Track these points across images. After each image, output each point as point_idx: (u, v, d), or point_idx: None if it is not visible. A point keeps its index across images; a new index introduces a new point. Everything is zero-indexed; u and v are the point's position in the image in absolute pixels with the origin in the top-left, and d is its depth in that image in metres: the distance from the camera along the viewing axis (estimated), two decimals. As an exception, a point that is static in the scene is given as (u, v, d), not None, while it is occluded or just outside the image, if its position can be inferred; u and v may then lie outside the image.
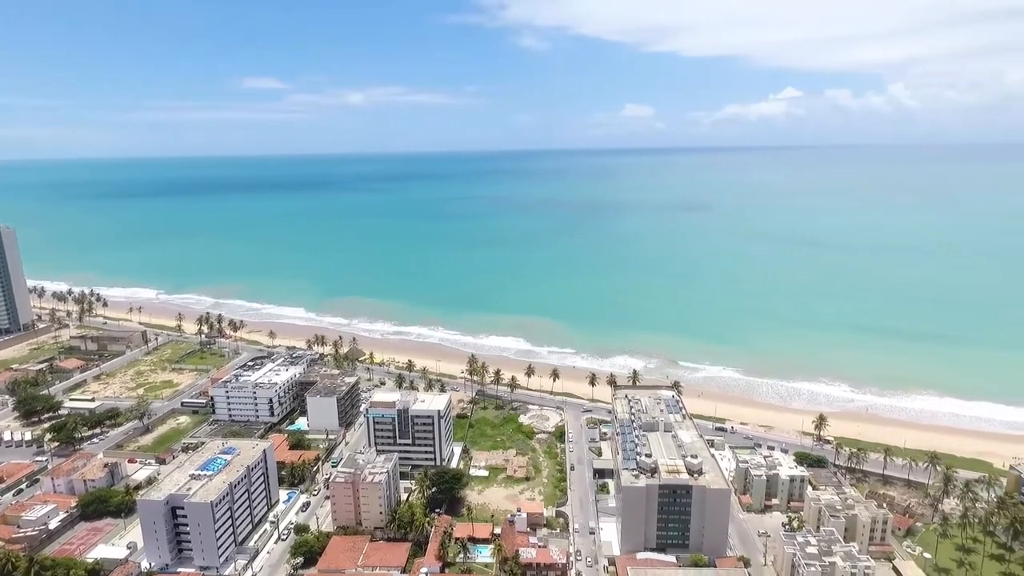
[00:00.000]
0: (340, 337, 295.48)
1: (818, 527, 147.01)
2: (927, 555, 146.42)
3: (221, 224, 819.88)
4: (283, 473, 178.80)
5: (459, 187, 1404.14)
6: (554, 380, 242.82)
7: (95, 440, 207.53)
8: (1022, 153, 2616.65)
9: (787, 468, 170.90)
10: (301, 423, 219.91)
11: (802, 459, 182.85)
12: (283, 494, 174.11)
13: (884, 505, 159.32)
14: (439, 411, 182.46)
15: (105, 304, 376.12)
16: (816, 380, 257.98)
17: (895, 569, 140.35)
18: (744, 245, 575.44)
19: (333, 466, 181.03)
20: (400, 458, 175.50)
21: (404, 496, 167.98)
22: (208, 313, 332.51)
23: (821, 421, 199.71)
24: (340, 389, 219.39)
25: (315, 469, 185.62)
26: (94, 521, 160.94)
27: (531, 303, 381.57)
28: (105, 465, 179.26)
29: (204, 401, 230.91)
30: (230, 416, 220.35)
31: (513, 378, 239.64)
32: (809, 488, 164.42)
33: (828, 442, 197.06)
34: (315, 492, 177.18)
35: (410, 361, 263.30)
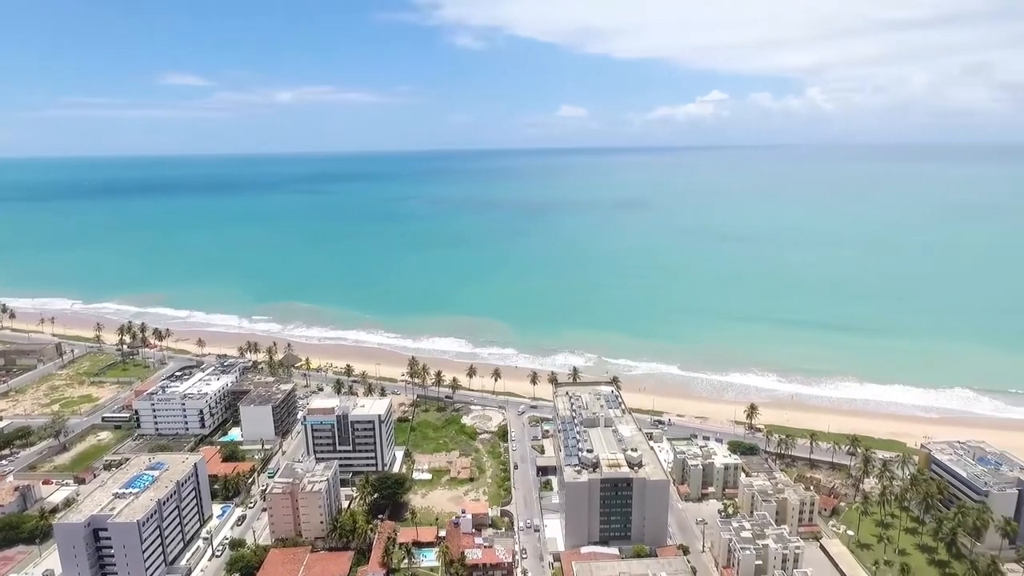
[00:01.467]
0: (274, 343, 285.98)
1: (752, 512, 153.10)
2: (850, 532, 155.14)
3: (144, 228, 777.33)
4: (216, 487, 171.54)
5: (397, 188, 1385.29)
6: (496, 380, 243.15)
7: (3, 462, 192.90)
8: (922, 153, 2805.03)
9: (722, 457, 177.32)
10: (235, 434, 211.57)
11: (735, 447, 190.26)
12: (217, 508, 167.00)
13: (811, 488, 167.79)
14: (380, 415, 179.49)
15: (12, 315, 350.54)
16: (747, 371, 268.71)
17: (822, 547, 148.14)
18: (678, 242, 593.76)
19: (270, 477, 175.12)
20: (340, 465, 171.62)
21: (345, 504, 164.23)
22: (130, 323, 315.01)
23: (752, 410, 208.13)
24: (275, 397, 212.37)
25: (250, 481, 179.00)
26: (4, 550, 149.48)
27: (472, 304, 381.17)
28: (16, 488, 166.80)
29: (127, 415, 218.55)
30: (157, 430, 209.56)
31: (455, 379, 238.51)
32: (743, 475, 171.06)
33: (759, 430, 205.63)
34: (251, 505, 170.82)
35: (349, 366, 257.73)
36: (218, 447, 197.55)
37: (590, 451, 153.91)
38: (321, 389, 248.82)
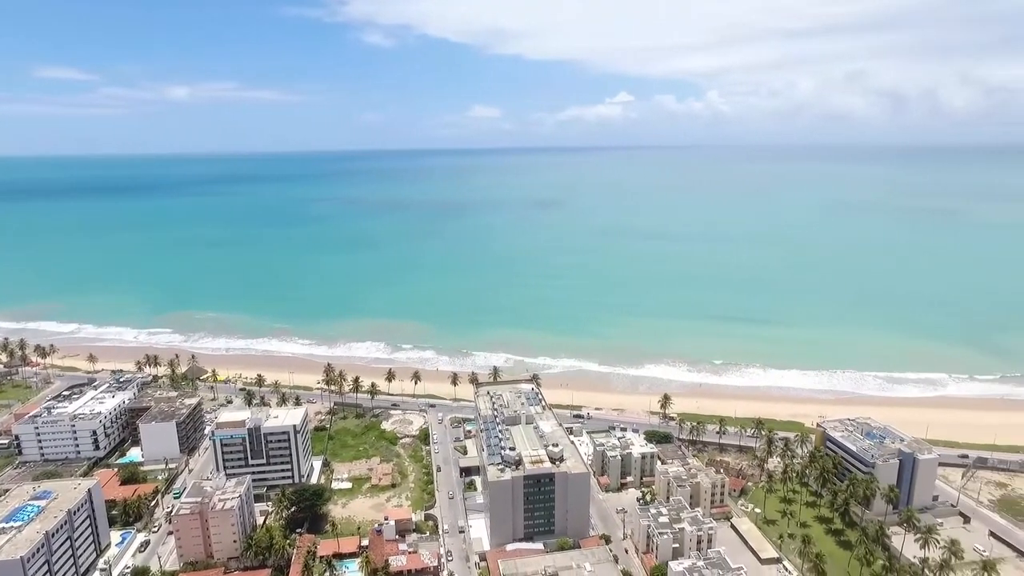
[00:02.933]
0: (176, 356, 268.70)
1: (668, 498, 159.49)
2: (757, 510, 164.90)
3: (23, 235, 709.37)
4: (115, 512, 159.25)
5: (308, 189, 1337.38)
6: (415, 383, 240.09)
7: None
8: (810, 154, 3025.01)
9: (639, 447, 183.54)
10: (134, 454, 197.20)
11: (651, 437, 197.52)
12: (116, 536, 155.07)
13: (721, 471, 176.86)
14: (295, 426, 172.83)
15: None
16: (660, 363, 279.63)
17: (733, 526, 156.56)
18: (592, 240, 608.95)
19: (176, 497, 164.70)
20: (254, 479, 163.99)
21: (260, 520, 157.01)
22: (7, 339, 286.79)
23: (666, 400, 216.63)
24: (180, 412, 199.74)
25: (154, 503, 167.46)
26: None
27: (389, 307, 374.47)
28: None
29: (7, 441, 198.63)
30: (42, 455, 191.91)
31: (373, 384, 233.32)
32: (658, 463, 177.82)
33: (672, 419, 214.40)
34: (155, 529, 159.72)
35: (260, 376, 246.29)
36: (116, 469, 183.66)
37: (512, 449, 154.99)
38: (230, 401, 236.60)
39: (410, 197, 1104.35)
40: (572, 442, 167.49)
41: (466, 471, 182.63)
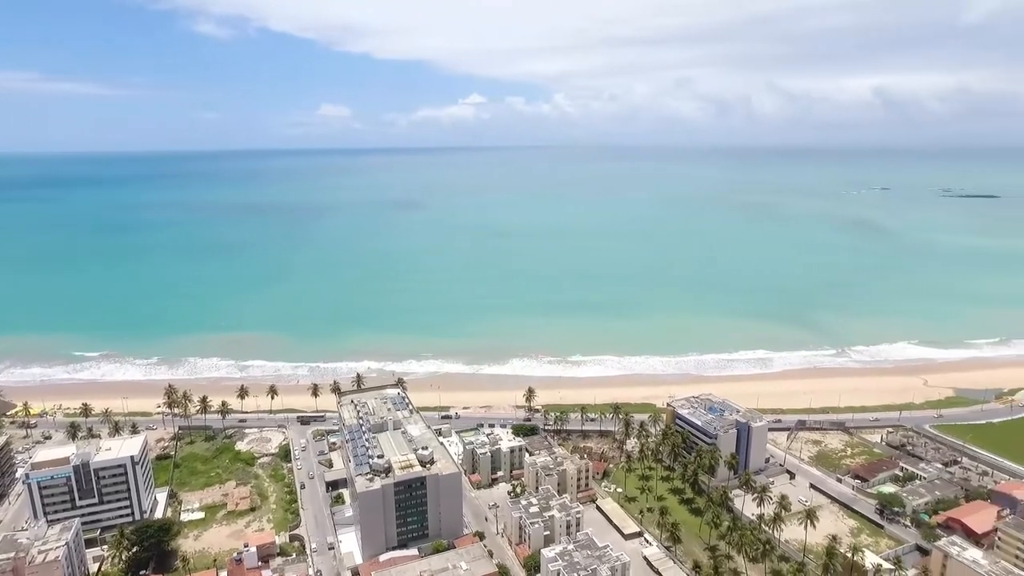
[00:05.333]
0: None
1: (537, 488, 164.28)
2: (619, 489, 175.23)
3: None
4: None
5: (137, 193, 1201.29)
6: (272, 398, 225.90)
7: None
8: (648, 154, 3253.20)
9: (507, 441, 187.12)
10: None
11: (518, 431, 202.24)
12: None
13: (585, 456, 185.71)
14: (132, 457, 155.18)
15: None
16: (524, 358, 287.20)
17: (598, 507, 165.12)
18: (452, 239, 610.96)
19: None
20: (85, 523, 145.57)
21: (95, 567, 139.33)
22: None
23: (530, 394, 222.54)
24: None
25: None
26: None
27: (240, 319, 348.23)
28: None
29: None
30: None
31: (224, 403, 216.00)
32: (527, 455, 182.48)
33: (537, 411, 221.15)
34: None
35: (86, 405, 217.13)
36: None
37: (381, 456, 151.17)
38: (49, 438, 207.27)
39: (258, 200, 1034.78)
40: (442, 443, 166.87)
41: (333, 485, 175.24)
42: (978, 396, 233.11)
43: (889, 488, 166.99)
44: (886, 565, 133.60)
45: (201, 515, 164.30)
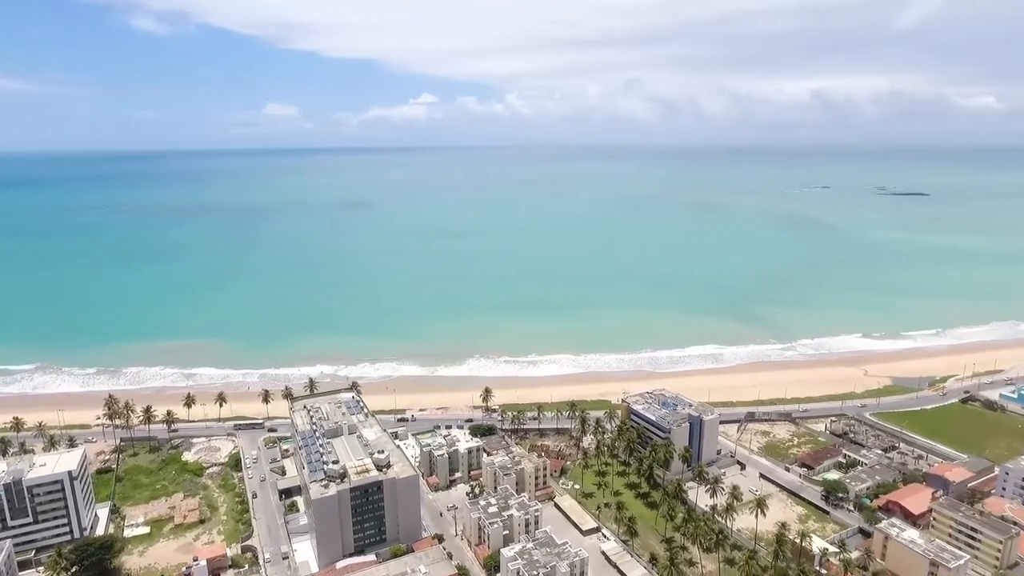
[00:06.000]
0: None
1: (495, 488, 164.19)
2: (577, 486, 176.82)
3: None
4: None
5: (68, 195, 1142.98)
6: (221, 405, 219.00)
7: None
8: (601, 154, 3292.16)
9: (464, 442, 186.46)
10: None
11: (476, 431, 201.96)
12: None
13: (542, 454, 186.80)
14: (70, 472, 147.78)
15: None
16: (480, 358, 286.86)
17: (556, 505, 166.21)
18: (405, 240, 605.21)
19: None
20: (18, 543, 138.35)
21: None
22: None
23: (487, 394, 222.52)
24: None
25: None
26: None
27: (186, 325, 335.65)
28: None
29: None
30: None
31: (169, 413, 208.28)
32: (484, 455, 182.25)
33: (494, 411, 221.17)
34: None
35: (16, 418, 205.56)
36: None
37: (336, 462, 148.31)
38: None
39: (204, 202, 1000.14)
40: (398, 446, 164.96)
41: (286, 492, 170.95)
42: (913, 384, 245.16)
43: (833, 475, 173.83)
44: (832, 549, 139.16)
45: (146, 530, 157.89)
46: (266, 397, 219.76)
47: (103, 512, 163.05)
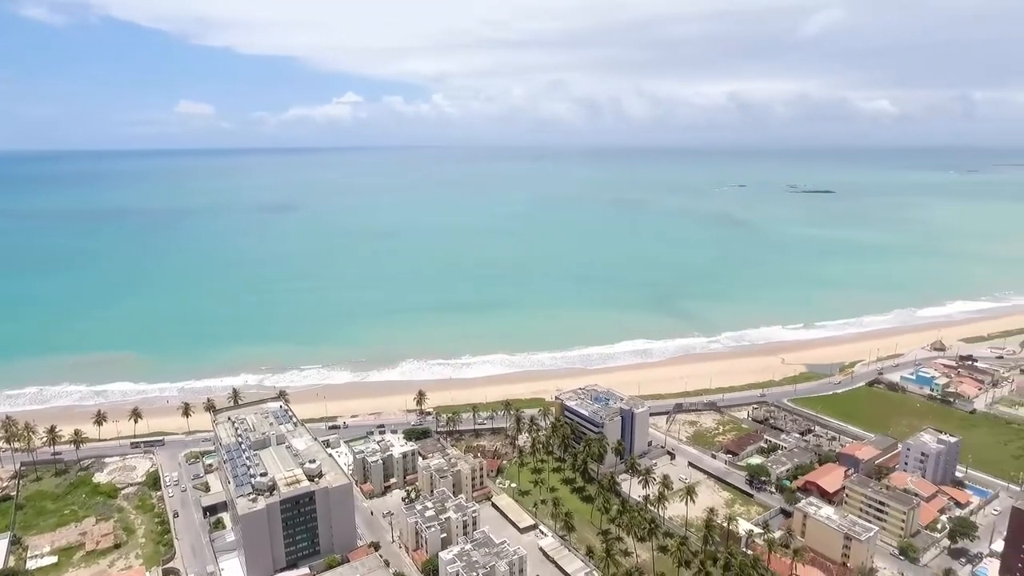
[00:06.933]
0: None
1: (432, 491, 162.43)
2: (513, 485, 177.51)
3: None
4: None
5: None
6: (135, 421, 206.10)
7: None
8: (526, 154, 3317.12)
9: (399, 447, 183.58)
10: None
11: (410, 435, 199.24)
12: None
13: (479, 455, 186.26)
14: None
15: None
16: (412, 361, 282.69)
17: (493, 504, 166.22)
18: (331, 242, 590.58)
19: None
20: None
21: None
22: None
23: (421, 397, 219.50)
24: None
25: None
26: None
27: (95, 338, 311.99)
28: None
29: None
30: None
31: (77, 432, 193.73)
32: (420, 459, 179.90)
33: (429, 414, 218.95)
34: None
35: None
36: None
37: (264, 474, 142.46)
38: None
39: (105, 206, 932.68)
40: (330, 455, 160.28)
41: (211, 509, 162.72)
42: (825, 371, 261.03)
43: (756, 460, 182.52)
44: (756, 530, 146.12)
45: (54, 559, 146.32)
46: (187, 411, 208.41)
47: (2, 544, 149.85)
